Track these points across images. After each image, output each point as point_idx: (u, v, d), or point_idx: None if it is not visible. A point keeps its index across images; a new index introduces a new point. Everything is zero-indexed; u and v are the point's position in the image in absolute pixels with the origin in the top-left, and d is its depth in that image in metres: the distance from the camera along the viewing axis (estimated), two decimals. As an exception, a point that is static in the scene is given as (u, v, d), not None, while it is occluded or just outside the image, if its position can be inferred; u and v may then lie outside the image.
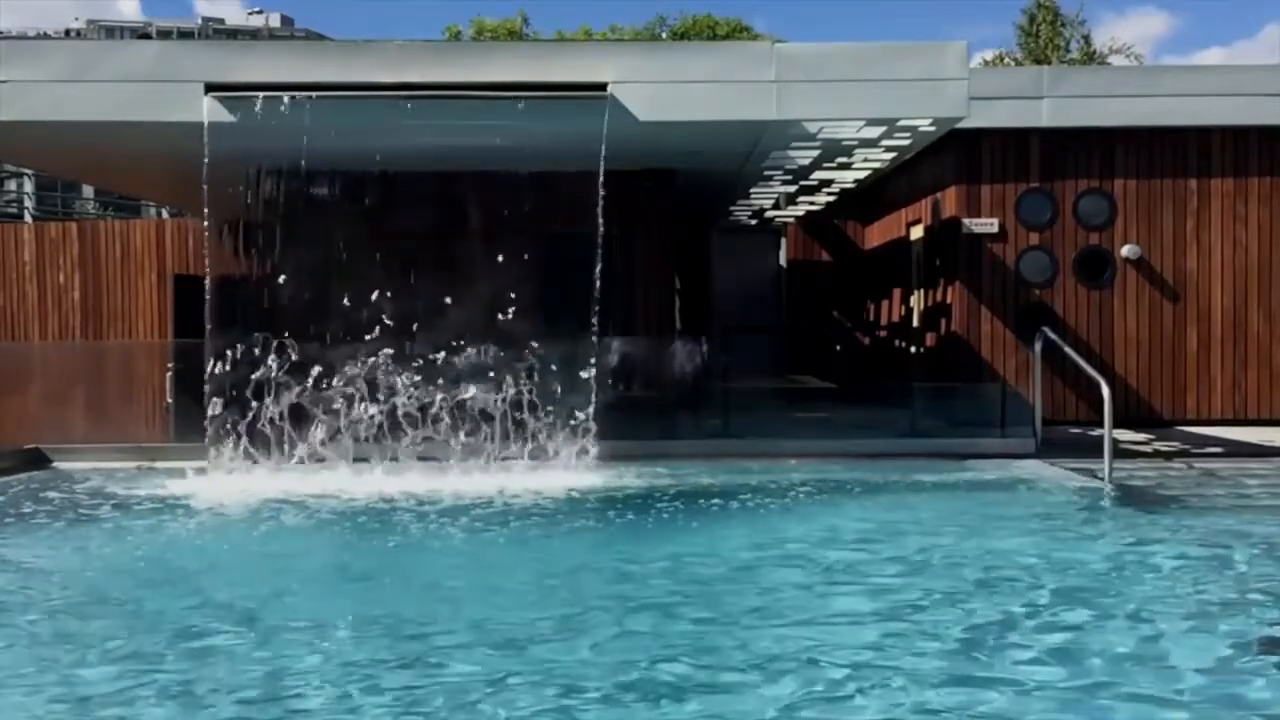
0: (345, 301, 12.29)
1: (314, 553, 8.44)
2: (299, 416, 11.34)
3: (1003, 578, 7.22)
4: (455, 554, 8.33)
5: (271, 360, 11.41)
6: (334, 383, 11.48)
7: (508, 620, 6.27)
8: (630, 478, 11.05)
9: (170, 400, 13.24)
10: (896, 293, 19.03)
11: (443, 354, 11.70)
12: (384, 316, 11.91)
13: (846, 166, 15.49)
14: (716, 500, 10.07)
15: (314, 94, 11.42)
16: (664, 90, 11.73)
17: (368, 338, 11.75)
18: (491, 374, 11.68)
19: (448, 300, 12.10)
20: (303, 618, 6.42)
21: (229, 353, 11.53)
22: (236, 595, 6.95)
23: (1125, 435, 13.64)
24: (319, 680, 5.32)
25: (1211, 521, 8.94)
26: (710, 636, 5.97)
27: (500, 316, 11.92)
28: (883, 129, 12.75)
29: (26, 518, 9.54)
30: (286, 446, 11.31)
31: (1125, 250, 15.42)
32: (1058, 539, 8.46)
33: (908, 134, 13.03)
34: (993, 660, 5.55)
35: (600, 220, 11.76)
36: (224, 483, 10.88)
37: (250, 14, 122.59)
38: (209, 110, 11.47)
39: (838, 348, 21.20)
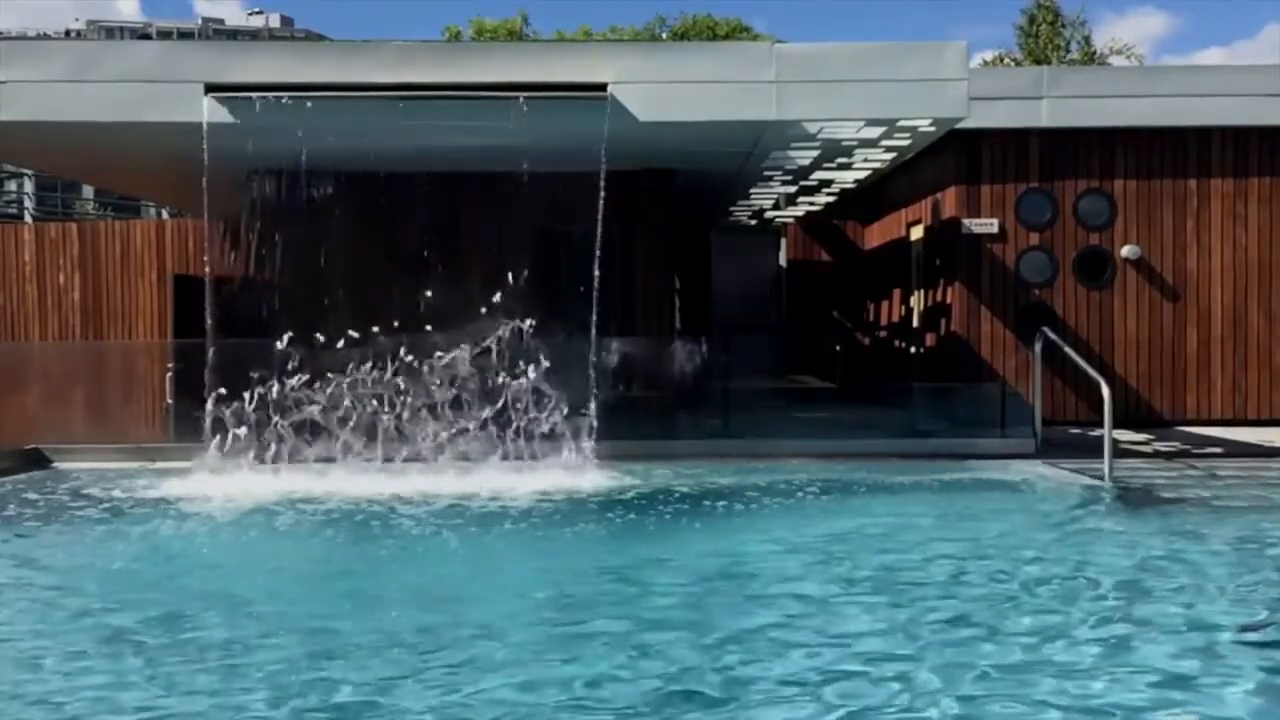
0: (344, 302, 12.27)
1: (301, 555, 8.40)
2: (298, 417, 11.32)
3: (1012, 579, 7.22)
4: (461, 557, 8.30)
5: (270, 361, 11.40)
6: (333, 383, 11.46)
7: (503, 624, 6.27)
8: (633, 478, 11.03)
9: (170, 400, 13.23)
10: (896, 293, 19.03)
11: (441, 354, 11.68)
12: (383, 317, 11.89)
13: (846, 167, 15.49)
14: (724, 501, 10.04)
15: (314, 94, 11.41)
16: (664, 90, 11.72)
17: (367, 338, 11.73)
18: (490, 374, 11.67)
19: (447, 300, 12.09)
20: (264, 621, 6.39)
21: (228, 353, 11.51)
22: (201, 595, 6.96)
23: (1125, 435, 13.63)
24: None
25: (1213, 522, 8.94)
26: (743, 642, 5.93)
27: (500, 317, 11.90)
28: (882, 129, 12.75)
29: (12, 520, 9.50)
30: (285, 447, 11.29)
31: (1125, 250, 15.42)
32: (1062, 540, 8.47)
33: (907, 134, 13.02)
34: (1017, 660, 5.56)
35: (600, 220, 11.75)
36: (221, 484, 10.85)
37: (250, 14, 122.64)
38: (208, 110, 11.47)
39: (838, 348, 21.19)
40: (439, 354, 11.61)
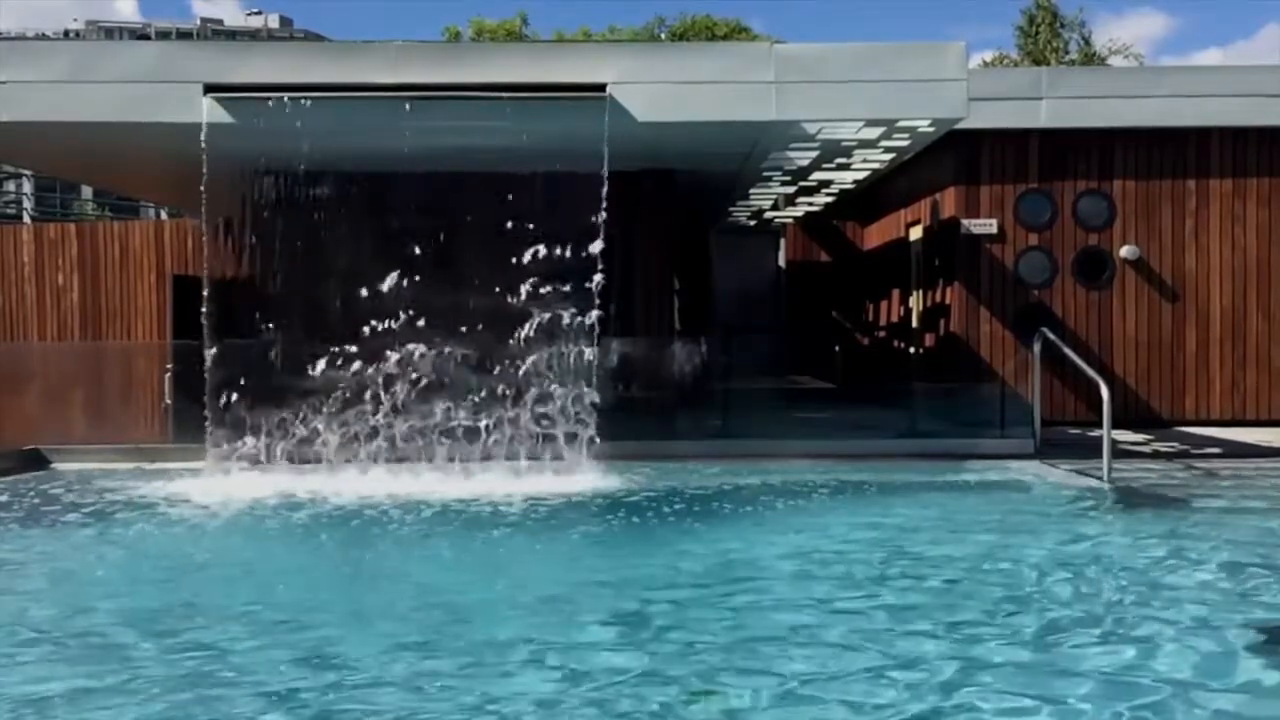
0: (343, 302, 12.26)
1: (294, 556, 8.38)
2: (297, 417, 11.31)
3: (1015, 580, 7.22)
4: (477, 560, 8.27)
5: (269, 361, 11.40)
6: (332, 384, 11.46)
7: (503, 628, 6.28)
8: (640, 478, 11.04)
9: (169, 401, 13.23)
10: (896, 293, 19.04)
11: (441, 355, 11.67)
12: (382, 317, 11.88)
13: (846, 167, 15.49)
14: (729, 503, 10.03)
15: (313, 94, 11.40)
16: (663, 91, 11.72)
17: (366, 339, 11.72)
18: (491, 375, 11.66)
19: (447, 301, 12.08)
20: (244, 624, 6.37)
21: (227, 354, 11.51)
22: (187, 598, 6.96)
23: (1124, 436, 13.64)
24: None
25: (1213, 522, 8.94)
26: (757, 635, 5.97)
27: (499, 317, 11.89)
28: (882, 130, 12.75)
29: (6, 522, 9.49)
30: (284, 448, 11.29)
31: (1124, 251, 15.42)
32: (1065, 540, 8.44)
33: (907, 135, 13.02)
34: (1029, 659, 5.57)
35: (601, 221, 11.74)
36: (219, 484, 10.83)
37: (249, 15, 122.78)
38: (208, 111, 11.46)
39: (837, 348, 21.20)
40: (437, 354, 11.60)
